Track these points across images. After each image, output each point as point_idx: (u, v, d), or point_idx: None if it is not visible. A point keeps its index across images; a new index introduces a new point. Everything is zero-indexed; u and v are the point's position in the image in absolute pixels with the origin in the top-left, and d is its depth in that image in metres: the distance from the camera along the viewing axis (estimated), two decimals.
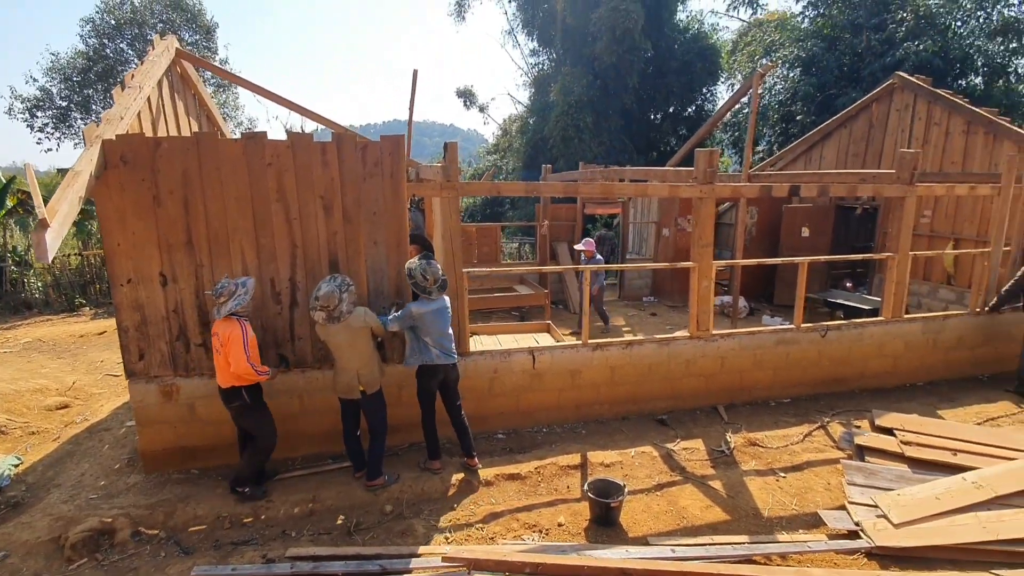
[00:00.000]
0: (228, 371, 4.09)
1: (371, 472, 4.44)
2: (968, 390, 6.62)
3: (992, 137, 7.93)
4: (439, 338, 4.48)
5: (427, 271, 4.40)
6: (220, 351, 4.09)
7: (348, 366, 4.29)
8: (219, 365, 4.15)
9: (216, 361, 4.18)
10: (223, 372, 4.13)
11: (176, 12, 16.95)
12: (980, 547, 3.51)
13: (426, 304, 4.43)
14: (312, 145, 4.51)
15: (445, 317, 4.54)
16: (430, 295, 4.42)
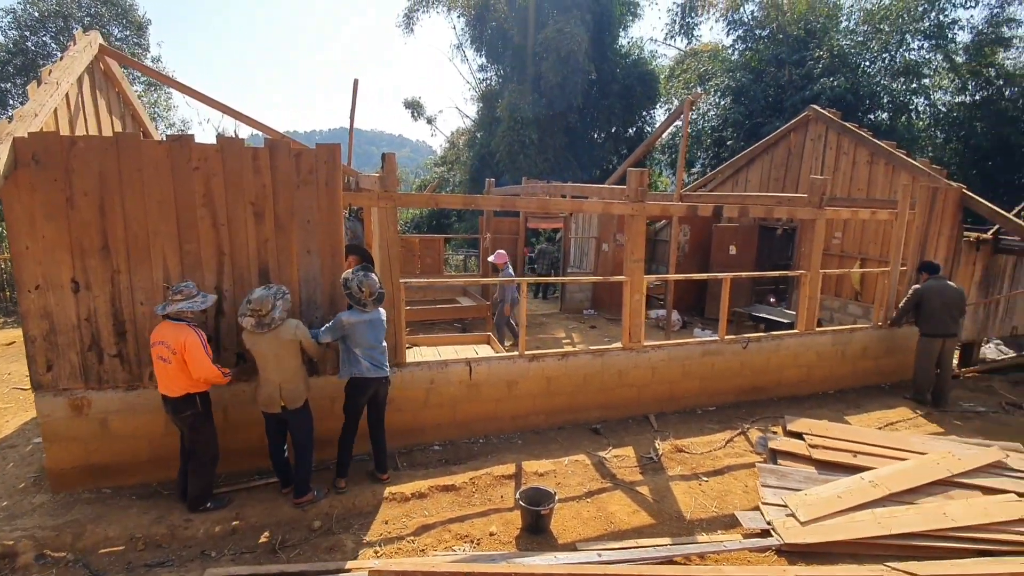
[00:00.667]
0: (182, 379, 3.97)
1: (298, 488, 4.30)
2: (872, 397, 7.20)
3: (892, 167, 8.76)
4: (369, 350, 4.42)
5: (363, 283, 4.37)
6: (170, 360, 3.92)
7: (272, 378, 4.14)
8: (168, 374, 3.97)
9: (163, 370, 3.98)
10: (175, 380, 3.97)
11: (105, 6, 16.04)
12: (876, 541, 3.83)
13: (358, 315, 4.38)
14: (243, 150, 4.41)
15: (378, 330, 4.50)
16: (364, 307, 4.39)
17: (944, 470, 4.34)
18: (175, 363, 3.92)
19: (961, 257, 7.93)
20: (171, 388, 4.00)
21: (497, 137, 21.50)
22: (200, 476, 4.20)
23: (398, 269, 5.10)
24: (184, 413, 4.06)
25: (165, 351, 3.95)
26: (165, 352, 3.95)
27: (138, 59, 17.18)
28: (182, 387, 4.00)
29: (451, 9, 25.57)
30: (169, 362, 3.93)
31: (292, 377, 4.19)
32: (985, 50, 18.09)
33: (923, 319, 6.79)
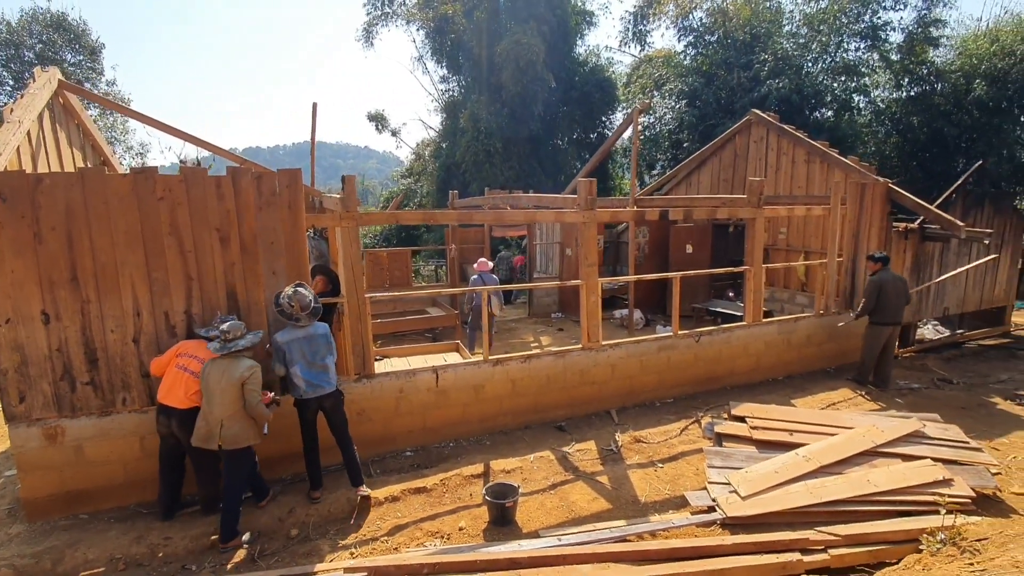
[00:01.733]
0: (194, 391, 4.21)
1: (223, 533, 4.13)
2: (817, 381, 7.71)
3: (827, 165, 9.38)
4: (306, 369, 4.44)
5: (293, 298, 4.50)
6: (197, 371, 4.23)
7: (214, 413, 4.10)
8: (184, 384, 4.23)
9: (178, 379, 4.24)
10: (191, 392, 4.22)
11: (57, 32, 15.81)
12: (809, 510, 4.24)
13: (292, 332, 4.50)
14: (206, 179, 4.62)
15: (316, 345, 4.51)
16: (298, 322, 4.52)
17: (869, 441, 4.79)
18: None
19: (892, 246, 8.54)
20: (183, 400, 4.23)
21: (462, 147, 21.83)
22: (208, 480, 4.43)
23: (363, 285, 5.34)
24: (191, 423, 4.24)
25: (194, 363, 4.26)
26: (194, 364, 4.25)
27: (92, 83, 16.97)
28: (194, 399, 4.24)
29: (410, 22, 25.84)
30: (197, 375, 4.23)
31: (234, 416, 4.11)
32: (916, 48, 19.22)
33: (877, 308, 7.11)
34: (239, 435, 4.16)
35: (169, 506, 4.49)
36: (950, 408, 6.71)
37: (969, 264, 9.23)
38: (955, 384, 7.60)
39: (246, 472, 4.36)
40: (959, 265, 9.19)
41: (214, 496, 4.47)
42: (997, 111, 17.35)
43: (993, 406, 6.75)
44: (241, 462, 4.26)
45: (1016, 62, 16.42)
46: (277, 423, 4.87)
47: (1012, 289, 10.14)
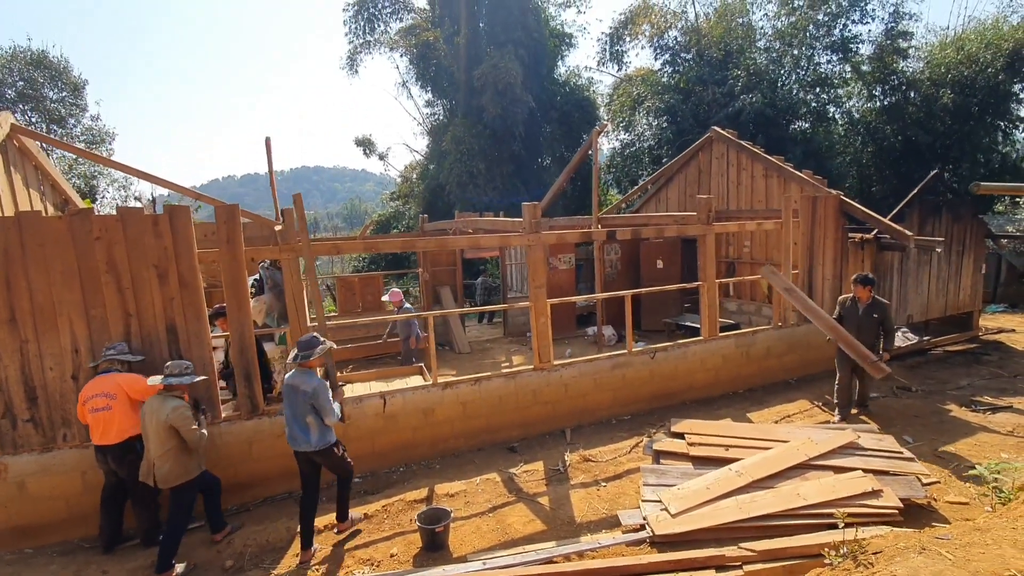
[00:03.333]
0: (126, 421, 4.32)
1: (159, 564, 4.17)
2: (777, 393, 7.77)
3: (783, 180, 9.55)
4: (290, 419, 4.34)
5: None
6: (111, 405, 4.29)
7: (150, 450, 4.20)
8: (109, 420, 4.30)
9: (103, 420, 4.31)
10: (118, 424, 4.31)
11: (38, 70, 16.19)
12: (737, 525, 4.27)
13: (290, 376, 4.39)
14: (143, 217, 4.76)
15: (294, 399, 4.29)
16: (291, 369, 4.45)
17: (802, 455, 4.84)
18: (116, 406, 4.32)
19: (849, 256, 8.65)
20: (111, 435, 4.31)
21: (445, 169, 22.13)
22: (145, 513, 4.53)
23: (305, 315, 5.45)
24: (127, 458, 4.36)
25: (102, 400, 4.31)
26: (102, 401, 4.30)
27: (76, 119, 17.31)
28: (124, 431, 4.34)
29: (393, 49, 26.37)
30: (110, 408, 4.30)
31: (164, 456, 4.16)
32: (886, 59, 19.59)
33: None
34: (170, 474, 4.22)
35: (111, 539, 4.56)
36: (904, 416, 6.76)
37: (931, 273, 9.35)
38: (914, 392, 7.64)
39: (187, 507, 4.40)
40: (919, 274, 9.30)
41: (152, 528, 4.53)
42: (967, 118, 17.62)
43: (946, 413, 6.79)
44: (180, 497, 4.33)
45: (981, 70, 16.73)
46: (220, 452, 4.95)
47: (977, 294, 10.22)
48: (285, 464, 4.91)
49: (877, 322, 6.27)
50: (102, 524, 4.58)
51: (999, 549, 2.75)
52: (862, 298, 6.34)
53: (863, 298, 6.33)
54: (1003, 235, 12.06)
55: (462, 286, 12.35)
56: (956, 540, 2.94)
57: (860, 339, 6.23)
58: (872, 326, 6.30)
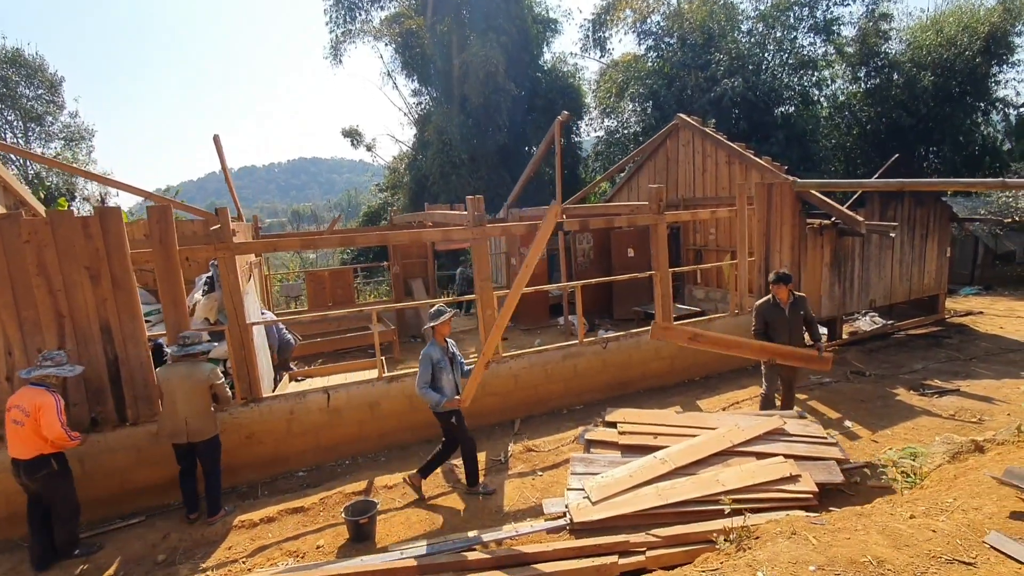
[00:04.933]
0: (36, 440, 4.22)
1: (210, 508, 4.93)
2: (731, 380, 7.83)
3: (745, 166, 9.54)
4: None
5: None
6: (24, 422, 4.20)
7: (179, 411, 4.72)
8: (21, 436, 4.23)
9: (15, 433, 4.23)
10: (28, 442, 4.23)
11: (13, 68, 16.15)
12: (656, 511, 4.34)
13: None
14: (73, 220, 4.81)
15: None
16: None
17: (727, 441, 4.91)
18: (28, 425, 4.22)
19: (808, 242, 8.66)
20: (23, 451, 4.27)
21: (428, 160, 22.08)
22: (65, 528, 4.50)
23: (243, 314, 5.51)
24: (38, 474, 4.31)
25: (20, 414, 4.24)
26: (19, 415, 4.24)
27: (53, 116, 17.29)
28: (35, 449, 4.28)
29: (377, 38, 26.17)
30: (23, 424, 4.23)
31: (198, 414, 4.77)
32: (868, 41, 19.40)
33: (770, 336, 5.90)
34: (204, 428, 4.80)
35: (42, 556, 4.45)
36: (850, 401, 6.83)
37: (893, 257, 9.38)
38: (867, 376, 7.71)
39: (218, 456, 4.95)
40: (881, 258, 9.32)
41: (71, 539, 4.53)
42: (947, 99, 17.50)
43: (893, 397, 6.86)
44: (212, 448, 4.90)
45: (959, 52, 16.59)
46: (155, 450, 5.05)
47: (943, 278, 10.24)
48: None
49: (803, 319, 5.84)
50: (31, 542, 4.49)
51: (866, 535, 2.82)
52: (783, 298, 5.77)
53: (784, 297, 5.77)
54: (972, 218, 12.03)
55: (435, 278, 12.40)
56: (831, 525, 3.01)
57: (792, 339, 5.80)
58: (799, 324, 5.85)
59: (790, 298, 5.80)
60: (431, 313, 4.99)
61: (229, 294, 5.42)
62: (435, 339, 4.99)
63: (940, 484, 3.57)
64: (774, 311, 5.83)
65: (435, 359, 4.90)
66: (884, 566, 2.48)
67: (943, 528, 2.79)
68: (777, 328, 5.83)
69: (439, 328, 4.96)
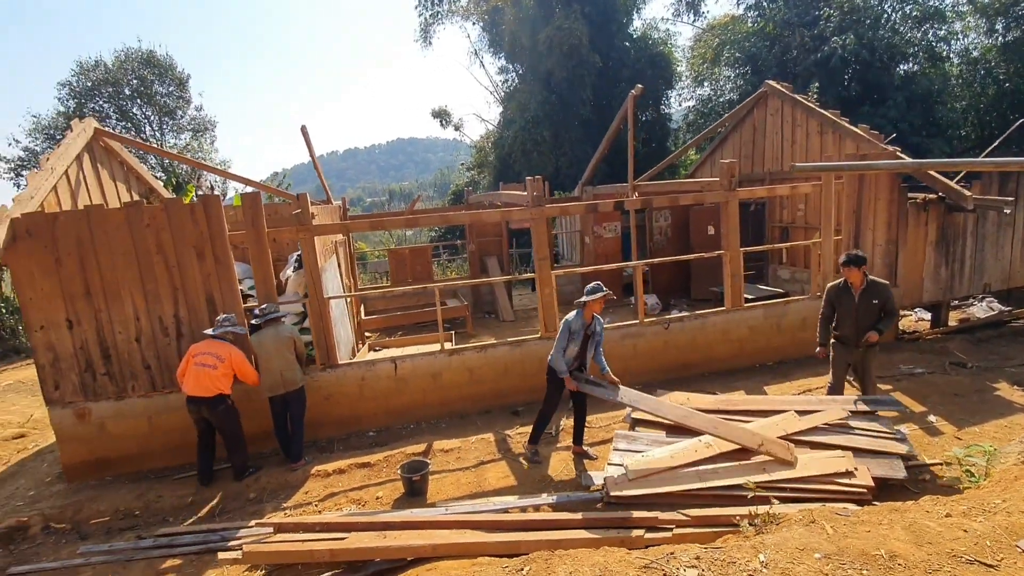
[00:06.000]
0: (223, 381, 5.24)
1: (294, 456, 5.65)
2: (808, 367, 7.37)
3: (839, 136, 8.74)
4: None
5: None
6: (216, 366, 5.21)
7: (274, 367, 5.49)
8: (210, 377, 5.19)
9: (205, 375, 5.18)
10: (215, 383, 5.21)
11: (148, 68, 18.43)
12: (695, 492, 4.37)
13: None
14: (182, 207, 5.60)
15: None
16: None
17: (780, 430, 4.73)
18: (221, 369, 5.23)
19: (909, 219, 7.86)
20: (208, 390, 5.22)
21: (509, 138, 22.28)
22: (238, 453, 5.49)
23: (321, 289, 6.12)
24: (219, 408, 5.29)
25: (212, 359, 5.23)
26: (212, 360, 5.23)
27: (182, 110, 19.56)
28: (219, 388, 5.26)
29: (465, 18, 26.58)
30: (215, 368, 5.21)
31: (288, 366, 5.54)
32: None
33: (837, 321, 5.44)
34: (294, 377, 5.57)
35: (207, 473, 5.49)
36: (942, 394, 6.25)
37: (1014, 236, 8.25)
38: (967, 368, 6.95)
39: (304, 408, 5.70)
40: (999, 238, 8.24)
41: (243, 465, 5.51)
42: None
43: (991, 392, 6.16)
44: (301, 398, 5.67)
45: None
46: (252, 405, 5.81)
47: None
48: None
49: (877, 308, 5.16)
50: (199, 461, 5.48)
51: (888, 530, 2.72)
52: (854, 282, 5.18)
53: (855, 282, 5.17)
54: None
55: (508, 255, 12.70)
56: (855, 517, 2.92)
57: (859, 329, 5.22)
58: (872, 313, 5.18)
59: (863, 283, 5.19)
60: (588, 288, 5.06)
61: (309, 271, 6.04)
62: (581, 312, 5.07)
63: (997, 485, 3.26)
64: (843, 295, 5.30)
65: (573, 329, 5.03)
66: (895, 560, 2.39)
67: (976, 529, 2.60)
68: (843, 315, 5.34)
69: (591, 304, 5.02)
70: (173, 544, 4.47)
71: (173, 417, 5.78)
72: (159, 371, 5.76)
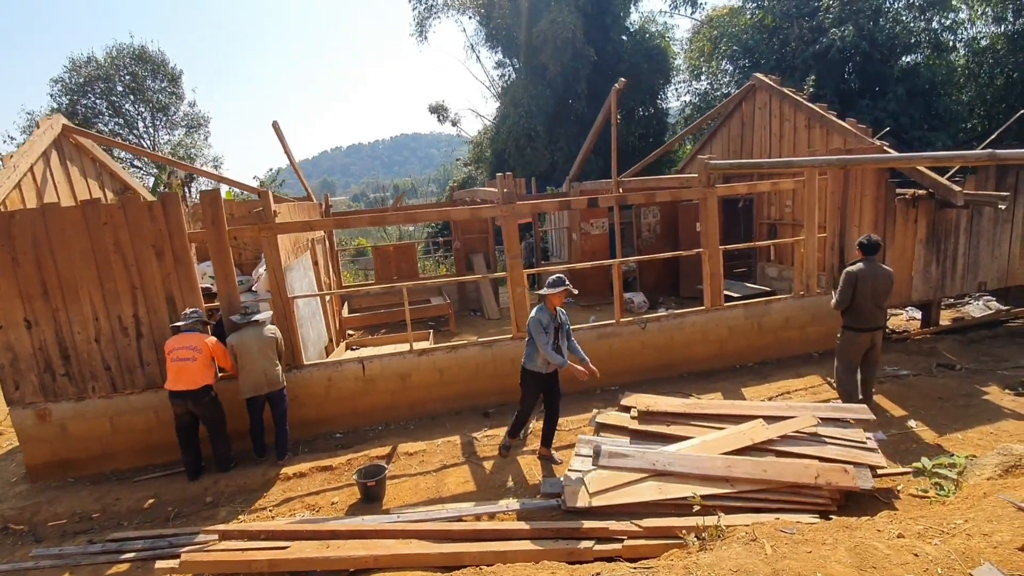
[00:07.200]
0: (205, 371, 5.24)
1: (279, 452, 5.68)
2: (790, 367, 7.23)
3: (826, 131, 8.52)
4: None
5: None
6: (195, 358, 5.19)
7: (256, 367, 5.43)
8: (192, 370, 5.18)
9: (186, 369, 5.18)
10: (198, 374, 5.21)
11: (140, 64, 18.36)
12: (657, 502, 4.23)
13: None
14: (140, 204, 5.49)
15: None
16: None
17: (747, 439, 4.57)
18: (200, 359, 5.22)
19: (896, 216, 7.64)
20: (193, 382, 5.20)
21: (503, 133, 22.08)
22: (223, 444, 5.52)
23: (285, 289, 6.00)
24: (204, 399, 5.30)
25: (189, 352, 5.20)
26: (189, 353, 5.20)
27: (175, 106, 19.48)
28: (203, 379, 5.25)
29: (461, 11, 26.32)
30: (195, 360, 5.20)
31: (271, 366, 5.50)
32: None
33: (849, 309, 5.60)
34: (277, 377, 5.55)
35: (195, 467, 5.47)
36: (925, 397, 6.07)
37: (1012, 232, 8.01)
38: (956, 370, 6.76)
39: (287, 406, 5.70)
40: (996, 234, 8.00)
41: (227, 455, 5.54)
42: None
43: (979, 396, 5.97)
44: (283, 397, 5.67)
45: None
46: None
47: None
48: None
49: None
50: (184, 457, 5.46)
51: (831, 551, 2.56)
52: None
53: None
54: None
55: (494, 253, 12.55)
56: (799, 535, 2.77)
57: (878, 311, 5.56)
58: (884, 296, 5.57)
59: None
60: (549, 281, 5.01)
61: (271, 269, 5.92)
62: (544, 305, 5.03)
63: (964, 502, 3.09)
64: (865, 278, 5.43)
65: (544, 323, 4.95)
66: None
67: (929, 553, 2.45)
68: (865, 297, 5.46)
69: (551, 298, 4.99)
70: (121, 550, 4.37)
71: (135, 418, 5.71)
72: (119, 372, 5.66)
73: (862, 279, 5.45)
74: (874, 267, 5.50)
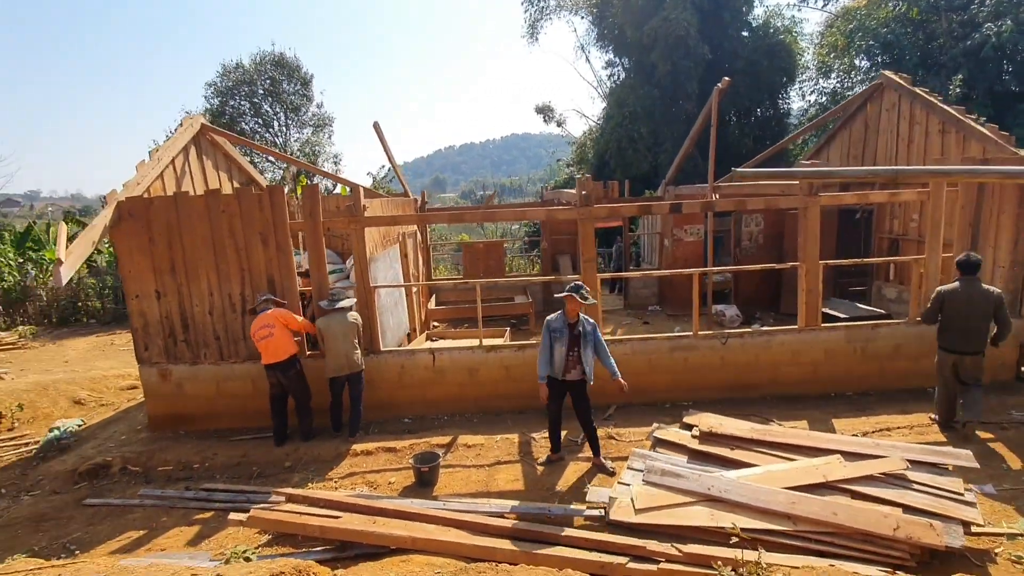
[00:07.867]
0: (286, 342, 5.86)
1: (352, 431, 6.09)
2: (897, 401, 6.41)
3: (962, 136, 7.41)
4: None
5: None
6: (274, 331, 5.80)
7: (340, 350, 5.90)
8: (275, 343, 5.82)
9: (270, 344, 5.81)
10: (281, 346, 5.84)
11: (278, 69, 20.49)
12: (707, 528, 4.00)
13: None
14: (251, 196, 6.17)
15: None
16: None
17: (819, 476, 4.12)
18: (278, 330, 5.83)
19: None
20: (278, 354, 5.84)
21: (606, 134, 21.75)
22: (306, 417, 6.12)
23: (367, 279, 6.42)
24: (291, 371, 5.93)
25: (267, 330, 5.82)
26: (267, 331, 5.82)
27: (304, 107, 21.49)
28: (287, 350, 5.88)
29: (574, 12, 26.35)
30: (273, 334, 5.80)
31: (352, 349, 5.96)
32: None
33: (940, 328, 5.49)
34: (358, 361, 6.01)
35: (281, 434, 6.09)
36: None
37: None
38: None
39: (363, 388, 6.13)
40: None
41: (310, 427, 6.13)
42: None
43: None
44: (361, 379, 6.12)
45: None
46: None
47: None
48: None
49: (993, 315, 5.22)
50: (274, 424, 6.08)
51: None
52: None
53: None
54: None
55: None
56: None
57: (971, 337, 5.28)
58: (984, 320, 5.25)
59: None
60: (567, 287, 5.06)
61: (357, 260, 6.38)
62: (563, 312, 5.00)
63: None
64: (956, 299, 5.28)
65: (552, 328, 4.98)
66: None
67: None
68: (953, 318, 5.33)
69: (567, 302, 4.95)
70: (210, 499, 4.98)
71: (236, 385, 6.44)
72: (226, 342, 6.42)
73: (951, 299, 5.34)
74: (971, 288, 5.28)
